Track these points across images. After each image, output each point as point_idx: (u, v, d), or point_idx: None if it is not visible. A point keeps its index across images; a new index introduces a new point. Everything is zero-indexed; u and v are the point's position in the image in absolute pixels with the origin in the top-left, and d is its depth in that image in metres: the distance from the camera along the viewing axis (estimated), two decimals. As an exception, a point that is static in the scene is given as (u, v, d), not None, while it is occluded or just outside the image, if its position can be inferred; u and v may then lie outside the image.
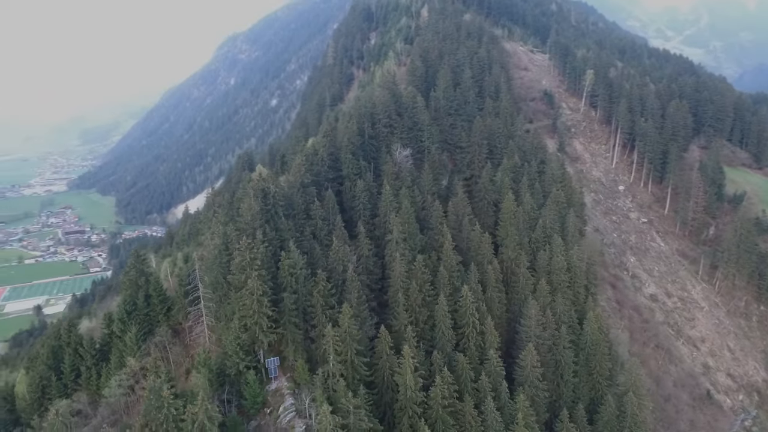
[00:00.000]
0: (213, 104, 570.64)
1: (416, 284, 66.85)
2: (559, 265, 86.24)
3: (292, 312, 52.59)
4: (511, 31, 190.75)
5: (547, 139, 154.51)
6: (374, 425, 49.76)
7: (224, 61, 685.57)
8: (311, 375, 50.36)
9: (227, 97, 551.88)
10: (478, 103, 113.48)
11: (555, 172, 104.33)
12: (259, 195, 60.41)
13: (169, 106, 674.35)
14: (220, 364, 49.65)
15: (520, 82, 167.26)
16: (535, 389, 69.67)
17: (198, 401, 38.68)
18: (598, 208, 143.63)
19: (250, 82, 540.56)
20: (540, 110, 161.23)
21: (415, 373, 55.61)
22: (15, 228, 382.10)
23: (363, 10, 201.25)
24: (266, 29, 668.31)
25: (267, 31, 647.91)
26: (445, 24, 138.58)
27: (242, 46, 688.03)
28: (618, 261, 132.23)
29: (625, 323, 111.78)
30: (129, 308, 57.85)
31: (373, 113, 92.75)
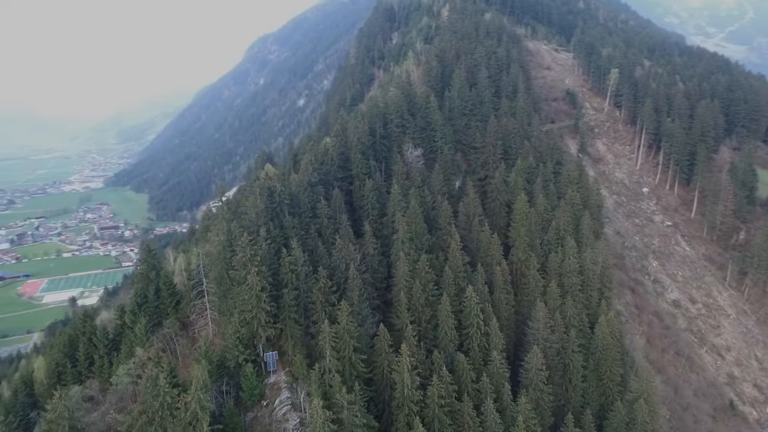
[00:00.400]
0: (242, 104, 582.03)
1: (419, 284, 67.18)
2: (570, 267, 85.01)
3: (291, 308, 53.88)
4: (535, 30, 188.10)
5: (568, 139, 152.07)
6: (368, 421, 50.46)
7: (254, 62, 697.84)
8: (309, 370, 51.41)
9: (256, 97, 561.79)
10: (495, 103, 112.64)
11: (571, 173, 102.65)
12: (264, 193, 61.97)
13: (202, 105, 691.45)
14: (220, 356, 51.36)
15: (542, 81, 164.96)
16: (539, 392, 68.99)
17: (191, 390, 40.30)
18: (620, 211, 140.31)
19: (279, 82, 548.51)
20: (562, 110, 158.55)
21: (413, 372, 56.05)
22: (54, 223, 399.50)
23: (386, 10, 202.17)
24: (295, 30, 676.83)
25: (296, 32, 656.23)
26: (463, 24, 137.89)
27: (272, 47, 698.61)
28: (639, 265, 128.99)
29: (644, 329, 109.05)
30: (140, 301, 60.38)
31: (385, 113, 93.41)
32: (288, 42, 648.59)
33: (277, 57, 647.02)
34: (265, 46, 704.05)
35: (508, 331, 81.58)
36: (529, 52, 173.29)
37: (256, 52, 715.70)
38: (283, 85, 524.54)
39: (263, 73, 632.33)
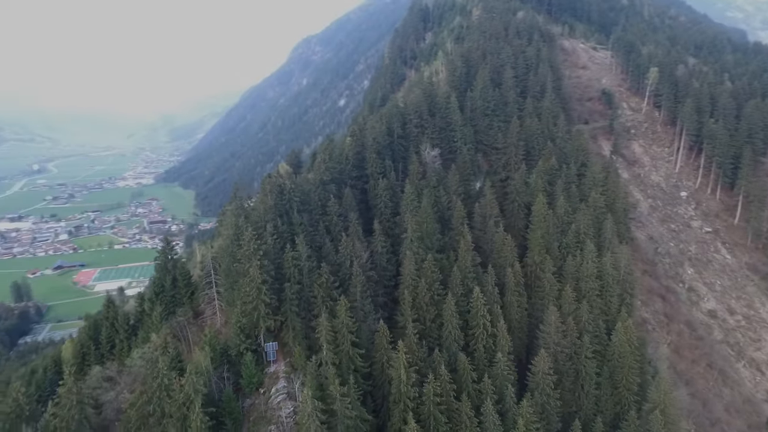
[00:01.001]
0: (285, 104, 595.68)
1: (425, 282, 67.80)
2: (588, 272, 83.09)
3: (292, 301, 55.95)
4: (572, 28, 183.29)
5: (602, 140, 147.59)
6: (360, 413, 51.76)
7: (298, 63, 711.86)
8: (307, 361, 53.24)
9: (299, 97, 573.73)
10: (520, 104, 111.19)
11: (596, 175, 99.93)
12: (274, 190, 64.43)
13: (247, 105, 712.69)
14: (224, 344, 54.07)
15: (576, 81, 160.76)
16: (546, 397, 68.08)
17: (187, 374, 42.95)
18: (655, 215, 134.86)
19: (321, 82, 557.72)
20: (597, 110, 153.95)
21: (410, 368, 56.88)
22: (108, 216, 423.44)
23: (420, 10, 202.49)
24: (338, 31, 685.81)
25: (339, 33, 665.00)
26: (492, 23, 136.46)
27: (315, 48, 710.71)
28: (673, 272, 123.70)
29: (673, 338, 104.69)
30: (157, 290, 64.27)
31: (404, 113, 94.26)
32: (331, 43, 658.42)
33: (320, 57, 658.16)
34: (309, 47, 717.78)
35: (520, 334, 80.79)
36: (564, 51, 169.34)
37: (300, 53, 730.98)
38: (325, 86, 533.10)
39: (306, 73, 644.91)
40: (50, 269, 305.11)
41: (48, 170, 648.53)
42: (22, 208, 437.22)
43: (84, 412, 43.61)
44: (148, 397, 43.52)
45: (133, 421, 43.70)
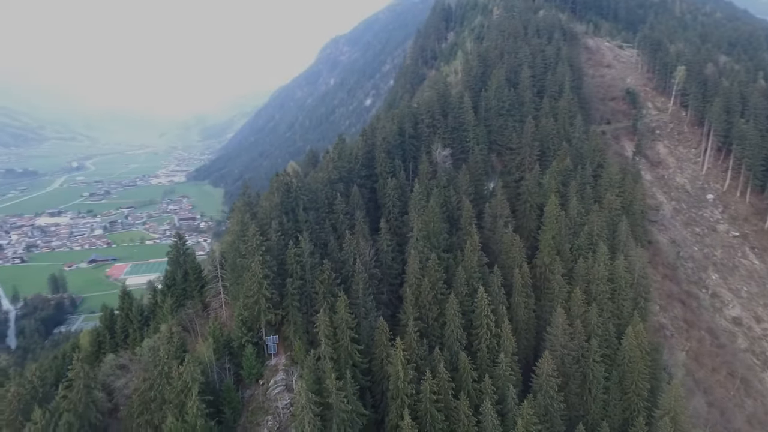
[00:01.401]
0: (313, 104, 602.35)
1: (428, 281, 68.23)
2: (599, 274, 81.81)
3: (294, 296, 57.43)
4: (598, 26, 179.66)
5: (625, 141, 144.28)
6: (356, 407, 52.74)
7: (326, 63, 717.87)
8: (306, 355, 54.59)
9: (326, 97, 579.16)
10: (536, 104, 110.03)
11: (613, 176, 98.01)
12: (281, 188, 66.10)
13: (276, 105, 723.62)
14: (227, 336, 55.97)
15: (600, 80, 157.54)
16: (550, 399, 67.58)
17: (185, 363, 44.87)
18: (678, 218, 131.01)
19: (348, 82, 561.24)
20: (620, 110, 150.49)
21: (408, 365, 57.56)
22: (141, 213, 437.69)
23: (443, 9, 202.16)
24: (366, 31, 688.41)
25: (366, 33, 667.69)
26: (511, 22, 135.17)
27: (343, 48, 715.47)
28: (696, 277, 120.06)
29: (692, 345, 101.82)
30: (169, 283, 66.89)
31: (416, 113, 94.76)
32: (358, 43, 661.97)
33: (347, 58, 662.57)
34: (337, 47, 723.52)
35: (528, 336, 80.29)
36: (588, 49, 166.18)
37: (328, 53, 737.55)
38: (352, 86, 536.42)
39: (334, 73, 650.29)
40: (85, 263, 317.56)
41: (86, 167, 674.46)
42: (61, 204, 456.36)
43: (91, 395, 46.11)
44: (150, 384, 45.67)
45: (136, 406, 45.96)
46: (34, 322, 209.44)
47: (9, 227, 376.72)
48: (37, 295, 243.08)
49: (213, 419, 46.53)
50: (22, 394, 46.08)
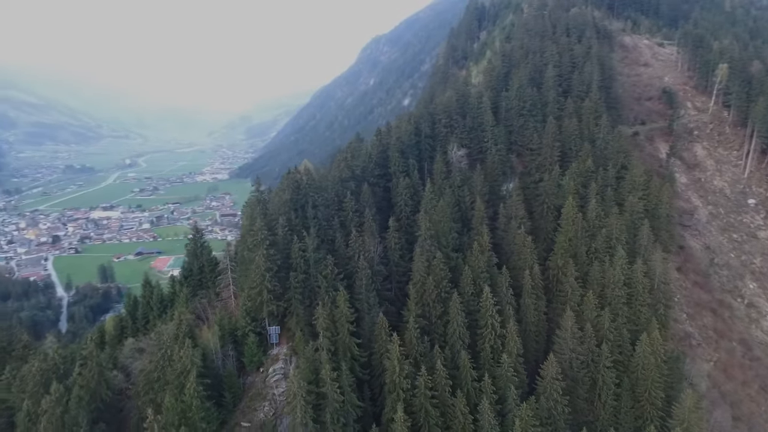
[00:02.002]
0: (352, 103, 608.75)
1: (433, 280, 69.02)
2: (615, 278, 79.95)
3: (296, 289, 59.77)
4: (636, 23, 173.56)
5: (659, 142, 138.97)
6: (350, 399, 54.42)
7: (366, 63, 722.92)
8: (305, 346, 56.78)
9: (365, 97, 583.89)
10: (560, 104, 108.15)
11: (636, 178, 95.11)
12: (291, 185, 68.69)
13: (316, 105, 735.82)
14: (232, 325, 58.96)
15: (636, 79, 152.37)
16: (553, 402, 66.98)
17: (185, 347, 47.92)
18: (715, 223, 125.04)
19: (387, 82, 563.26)
20: (656, 110, 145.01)
21: (404, 360, 58.70)
22: (186, 208, 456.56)
23: (476, 9, 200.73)
24: (407, 30, 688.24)
25: (407, 33, 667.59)
26: (538, 21, 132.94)
27: (383, 48, 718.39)
28: (730, 286, 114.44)
29: (721, 356, 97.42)
30: (186, 273, 70.95)
31: (433, 113, 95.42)
32: (398, 42, 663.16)
33: (387, 57, 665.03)
34: (378, 47, 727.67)
35: (538, 338, 79.60)
36: (624, 47, 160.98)
37: (368, 53, 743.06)
38: (391, 85, 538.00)
39: (374, 73, 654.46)
40: (132, 255, 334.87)
41: (138, 164, 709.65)
42: (113, 199, 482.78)
43: (103, 374, 50.04)
44: (155, 366, 49.08)
45: (142, 386, 49.52)
46: (83, 308, 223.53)
47: (66, 220, 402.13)
48: (87, 284, 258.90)
49: (211, 401, 49.46)
50: (44, 369, 50.54)
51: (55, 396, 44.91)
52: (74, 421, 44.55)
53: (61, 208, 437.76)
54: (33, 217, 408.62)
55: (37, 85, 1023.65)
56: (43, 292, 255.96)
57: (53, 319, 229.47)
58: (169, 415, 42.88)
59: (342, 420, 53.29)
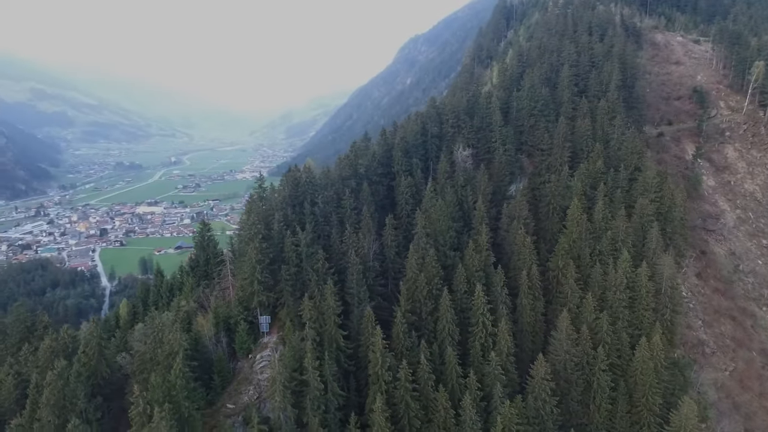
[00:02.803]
0: (389, 103, 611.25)
1: (424, 277, 70.36)
2: (616, 281, 78.72)
3: (287, 281, 62.68)
4: (671, 20, 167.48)
5: (687, 143, 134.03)
6: (332, 387, 56.79)
7: (404, 63, 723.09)
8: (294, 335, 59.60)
9: (401, 96, 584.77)
10: (576, 103, 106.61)
11: (649, 180, 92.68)
12: (290, 182, 71.75)
13: (354, 105, 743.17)
14: (227, 313, 62.54)
15: (666, 78, 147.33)
16: (542, 402, 67.12)
17: (174, 331, 51.66)
18: (743, 228, 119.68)
19: (423, 81, 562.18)
20: (685, 110, 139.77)
21: (387, 353, 60.50)
22: (225, 205, 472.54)
23: (504, 8, 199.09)
24: (445, 30, 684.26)
25: (445, 32, 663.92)
26: (558, 19, 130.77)
27: (421, 48, 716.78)
28: (756, 293, 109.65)
29: (738, 366, 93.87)
30: (193, 264, 75.38)
31: (441, 113, 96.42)
32: (436, 42, 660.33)
33: (425, 57, 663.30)
34: (416, 46, 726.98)
35: (535, 339, 79.41)
36: (656, 45, 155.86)
37: (406, 53, 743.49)
38: (427, 85, 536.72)
39: (411, 73, 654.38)
40: (172, 249, 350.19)
41: (182, 162, 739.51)
42: (158, 195, 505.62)
43: (103, 353, 54.61)
44: (148, 348, 53.14)
45: (137, 366, 53.69)
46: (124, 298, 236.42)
47: (114, 214, 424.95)
48: (129, 275, 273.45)
49: (198, 383, 53.09)
50: (53, 347, 55.68)
51: (57, 370, 49.58)
52: (73, 394, 49.08)
53: (110, 203, 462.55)
54: (84, 210, 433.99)
55: (94, 86, 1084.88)
56: (89, 282, 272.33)
57: (96, 307, 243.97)
58: (155, 392, 46.52)
59: (322, 407, 55.71)
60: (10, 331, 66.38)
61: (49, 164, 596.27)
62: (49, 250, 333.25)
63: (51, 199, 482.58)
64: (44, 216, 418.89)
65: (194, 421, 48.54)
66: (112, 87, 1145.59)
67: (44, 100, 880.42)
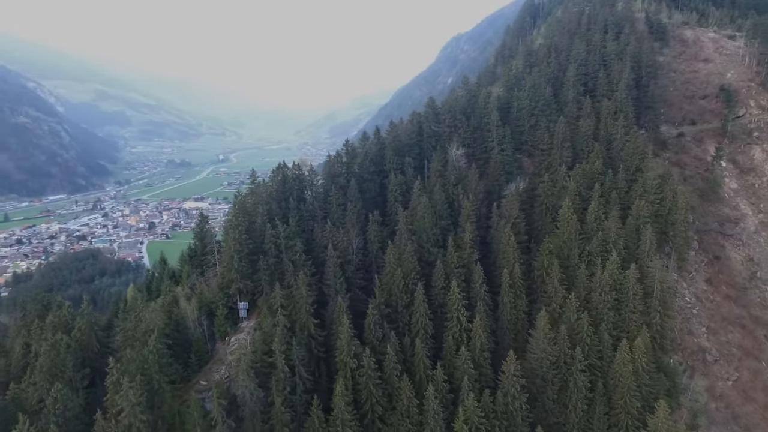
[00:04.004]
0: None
1: (401, 271, 72.80)
2: (601, 283, 78.12)
3: (265, 270, 67.06)
4: (704, 15, 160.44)
5: (709, 144, 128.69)
6: (299, 371, 60.55)
7: (446, 62, 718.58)
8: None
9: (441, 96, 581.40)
10: (581, 103, 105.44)
11: (649, 182, 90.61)
12: (278, 178, 76.19)
13: (395, 104, 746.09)
14: (209, 299, 67.65)
15: (691, 76, 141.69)
16: (511, 398, 68.12)
17: (150, 311, 57.04)
18: (765, 234, 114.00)
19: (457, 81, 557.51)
20: (710, 110, 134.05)
21: (353, 341, 63.57)
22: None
23: (530, 6, 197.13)
24: (488, 28, 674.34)
25: (488, 30, 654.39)
26: (572, 18, 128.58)
27: (464, 46, 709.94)
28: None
29: (742, 376, 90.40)
30: (192, 254, 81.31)
31: (438, 112, 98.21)
32: (479, 41, 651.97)
33: (467, 56, 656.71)
34: (458, 45, 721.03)
35: (517, 336, 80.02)
36: (684, 42, 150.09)
37: (448, 51, 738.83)
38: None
39: (452, 72, 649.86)
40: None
41: (230, 160, 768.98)
42: (204, 191, 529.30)
43: (93, 329, 60.96)
44: (128, 324, 58.94)
45: (120, 341, 59.62)
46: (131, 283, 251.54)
47: (162, 209, 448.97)
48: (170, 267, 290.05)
49: (174, 359, 58.35)
50: (55, 322, 62.60)
51: (51, 342, 56.12)
52: (63, 363, 55.43)
53: (159, 198, 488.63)
54: (136, 205, 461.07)
55: (151, 87, 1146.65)
56: (134, 271, 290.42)
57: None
58: (130, 365, 51.89)
59: (288, 388, 59.56)
60: (28, 308, 74.35)
61: (107, 161, 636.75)
62: (102, 242, 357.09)
63: (107, 194, 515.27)
64: (100, 209, 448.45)
65: (164, 393, 53.60)
66: (167, 88, 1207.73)
67: (106, 101, 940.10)
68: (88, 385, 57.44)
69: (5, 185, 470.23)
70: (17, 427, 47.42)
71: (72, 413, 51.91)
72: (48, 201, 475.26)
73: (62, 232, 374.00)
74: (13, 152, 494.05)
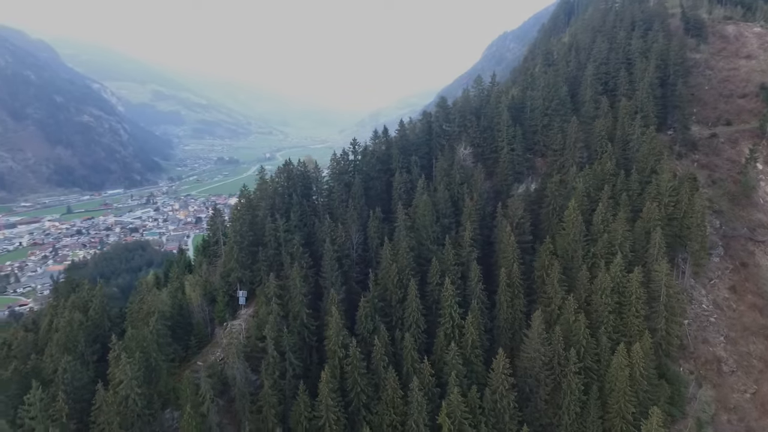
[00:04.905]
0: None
1: (396, 267, 74.66)
2: (603, 285, 76.87)
3: (264, 262, 70.87)
4: (751, 9, 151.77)
5: (744, 146, 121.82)
6: (289, 357, 63.85)
7: (491, 60, 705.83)
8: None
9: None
10: (598, 102, 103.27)
11: (663, 184, 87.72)
12: (283, 176, 79.97)
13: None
14: (213, 286, 72.26)
15: (730, 74, 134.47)
16: (499, 396, 68.73)
17: (152, 295, 61.98)
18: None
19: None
20: (749, 109, 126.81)
21: (342, 331, 66.14)
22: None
23: (566, 3, 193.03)
24: (535, 25, 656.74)
25: (534, 28, 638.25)
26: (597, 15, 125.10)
27: (510, 45, 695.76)
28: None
29: (762, 389, 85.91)
30: (206, 244, 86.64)
31: (448, 112, 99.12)
32: (525, 39, 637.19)
33: (512, 54, 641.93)
34: (504, 44, 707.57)
35: (514, 335, 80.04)
36: (724, 38, 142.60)
37: (494, 50, 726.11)
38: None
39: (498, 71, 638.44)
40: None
41: (276, 159, 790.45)
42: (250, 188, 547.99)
43: (104, 308, 66.84)
44: (133, 306, 64.26)
45: (128, 321, 65.04)
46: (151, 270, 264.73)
47: (209, 204, 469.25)
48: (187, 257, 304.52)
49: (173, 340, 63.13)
50: (74, 302, 69.06)
51: (66, 318, 62.22)
52: (75, 338, 61.36)
53: (207, 194, 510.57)
54: (185, 200, 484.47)
55: (205, 88, 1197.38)
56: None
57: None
58: (130, 343, 56.92)
59: (277, 372, 63.03)
60: (61, 290, 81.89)
61: (161, 158, 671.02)
62: (152, 234, 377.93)
63: (160, 189, 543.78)
64: (152, 204, 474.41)
65: (161, 370, 58.31)
66: (219, 88, 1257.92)
67: (162, 101, 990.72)
68: (98, 359, 63.13)
69: (69, 179, 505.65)
70: (31, 392, 53.24)
71: (80, 383, 57.47)
72: (106, 195, 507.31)
73: (117, 224, 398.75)
74: (77, 149, 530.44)
